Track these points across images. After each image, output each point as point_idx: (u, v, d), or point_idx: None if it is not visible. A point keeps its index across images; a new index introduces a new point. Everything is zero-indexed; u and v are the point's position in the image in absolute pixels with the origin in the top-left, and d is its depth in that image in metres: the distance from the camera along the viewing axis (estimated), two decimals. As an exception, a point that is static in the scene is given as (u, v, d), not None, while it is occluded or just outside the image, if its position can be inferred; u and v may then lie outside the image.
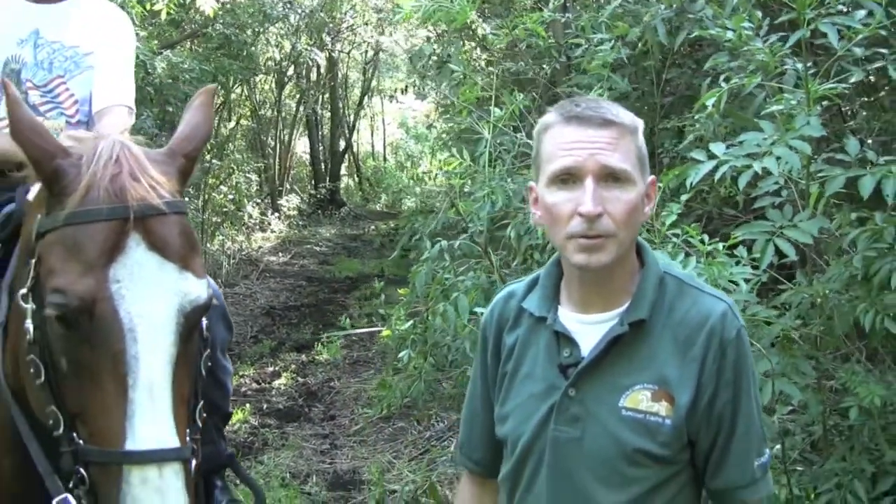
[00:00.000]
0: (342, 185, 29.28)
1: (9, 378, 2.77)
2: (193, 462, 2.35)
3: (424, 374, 6.35)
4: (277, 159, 24.87)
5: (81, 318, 2.25)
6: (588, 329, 2.47)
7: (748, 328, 3.71)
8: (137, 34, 10.59)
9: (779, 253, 3.82)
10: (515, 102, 5.54)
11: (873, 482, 4.13)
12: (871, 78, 4.78)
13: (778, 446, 4.35)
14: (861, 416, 4.10)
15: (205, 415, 2.61)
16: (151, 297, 2.29)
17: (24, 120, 2.45)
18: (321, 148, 28.36)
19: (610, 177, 2.33)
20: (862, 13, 3.95)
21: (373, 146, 36.04)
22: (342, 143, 29.41)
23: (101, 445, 2.26)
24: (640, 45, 5.87)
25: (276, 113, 24.81)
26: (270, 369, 11.12)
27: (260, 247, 20.15)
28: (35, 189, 3.15)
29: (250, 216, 21.10)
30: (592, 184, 2.32)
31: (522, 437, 2.52)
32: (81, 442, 2.31)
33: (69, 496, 2.44)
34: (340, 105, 29.29)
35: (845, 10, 4.00)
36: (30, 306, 2.41)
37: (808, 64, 4.05)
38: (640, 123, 2.46)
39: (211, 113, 2.77)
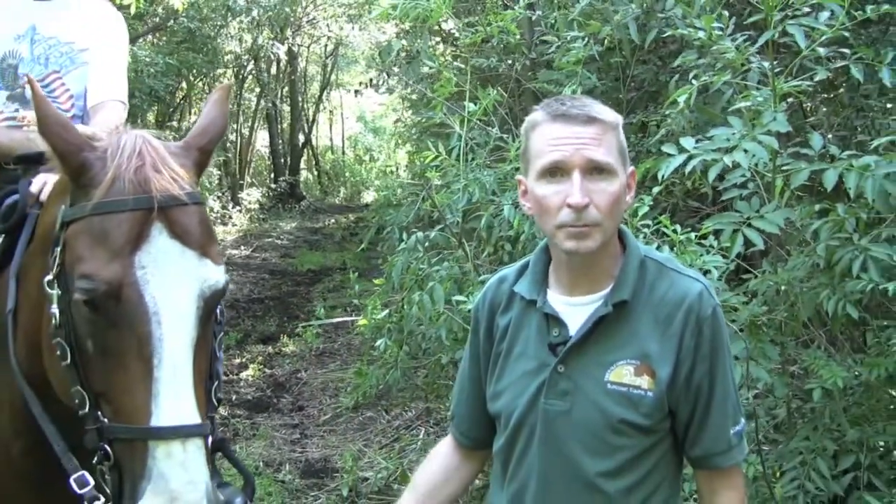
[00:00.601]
0: (301, 179, 29.33)
1: (22, 364, 2.90)
2: (210, 439, 2.49)
3: (400, 363, 6.49)
4: (238, 153, 24.91)
5: (108, 302, 2.38)
6: (575, 310, 2.66)
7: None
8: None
9: (745, 243, 4.01)
10: (489, 97, 5.69)
11: (835, 460, 4.33)
12: (831, 76, 4.97)
13: (749, 425, 4.56)
14: (823, 398, 4.30)
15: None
16: (174, 283, 2.42)
17: (52, 115, 2.59)
18: (280, 142, 28.39)
19: (595, 170, 2.52)
20: (826, 15, 4.14)
21: (331, 140, 36.07)
22: (301, 137, 29.44)
23: (126, 423, 2.38)
24: (606, 42, 6.03)
25: (236, 107, 24.84)
26: (237, 361, 11.19)
27: (222, 240, 20.17)
28: (38, 181, 3.29)
29: (211, 209, 21.13)
30: (580, 177, 2.50)
31: (515, 412, 2.69)
32: (106, 420, 2.44)
33: (86, 473, 2.60)
34: (300, 99, 29.31)
35: (809, 10, 4.18)
36: (55, 292, 2.53)
37: (774, 63, 4.23)
38: (620, 119, 2.64)
39: (226, 109, 2.92)
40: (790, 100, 4.67)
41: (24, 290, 2.97)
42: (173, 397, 2.36)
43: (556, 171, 2.55)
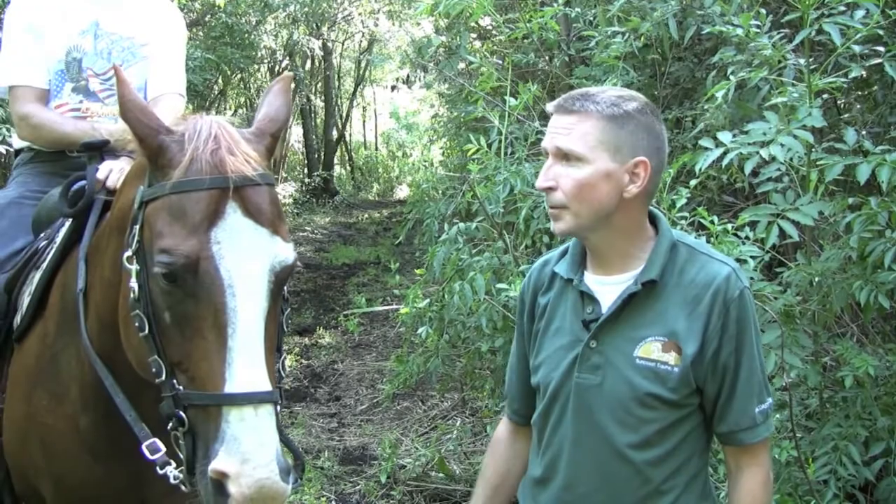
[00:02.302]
0: (335, 175, 29.45)
1: (93, 340, 3.07)
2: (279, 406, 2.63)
3: (441, 350, 6.62)
4: (272, 148, 25.03)
5: (186, 275, 2.53)
6: (608, 289, 2.82)
7: (755, 302, 4.05)
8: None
9: (780, 235, 4.13)
10: (529, 93, 5.82)
11: (866, 446, 4.43)
12: (865, 73, 5.07)
13: (778, 415, 4.67)
14: (854, 386, 4.42)
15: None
16: (247, 258, 2.56)
17: (133, 101, 2.75)
18: (314, 137, 28.51)
19: (563, 157, 2.73)
20: (861, 13, 4.24)
21: (364, 136, 36.18)
22: (335, 133, 29.56)
23: (201, 389, 2.52)
24: (642, 38, 6.14)
25: (270, 102, 24.93)
26: (275, 352, 11.29)
27: (256, 233, 20.25)
28: (105, 168, 3.46)
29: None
30: (550, 162, 2.75)
31: (552, 383, 2.86)
32: (181, 388, 2.58)
33: (157, 440, 2.76)
34: (334, 95, 29.43)
35: (844, 9, 4.28)
36: (134, 267, 2.68)
37: (809, 59, 4.34)
38: (617, 110, 2.73)
39: (289, 98, 3.07)
40: (825, 96, 4.77)
41: (96, 270, 3.13)
42: (246, 365, 2.49)
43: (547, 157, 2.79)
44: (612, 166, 2.72)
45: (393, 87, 20.23)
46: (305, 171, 28.00)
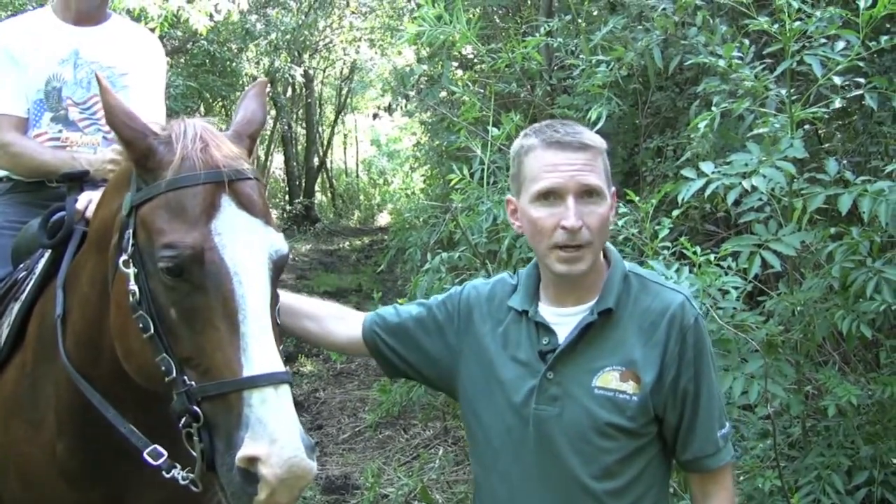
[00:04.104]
0: (316, 202, 29.43)
1: (72, 360, 3.07)
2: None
3: (423, 379, 6.59)
4: (253, 175, 25.01)
5: (193, 266, 2.56)
6: (564, 320, 2.85)
7: (737, 332, 4.07)
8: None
9: (763, 265, 4.15)
10: (512, 122, 5.84)
11: (850, 476, 4.45)
12: (845, 103, 5.11)
13: (761, 445, 4.69)
14: (837, 415, 4.44)
15: None
16: (248, 247, 2.62)
17: (118, 106, 2.79)
18: (296, 164, 28.49)
19: (586, 193, 2.73)
20: (841, 44, 4.29)
21: (345, 163, 36.17)
22: (316, 160, 29.55)
23: (217, 379, 2.52)
24: (624, 68, 6.18)
25: (252, 129, 24.95)
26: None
27: (238, 261, 20.19)
28: (84, 198, 3.45)
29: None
30: (573, 201, 2.71)
31: (508, 415, 2.86)
32: (193, 384, 2.57)
33: (158, 446, 2.77)
34: (315, 122, 29.45)
35: (826, 41, 4.32)
36: (131, 270, 2.69)
37: (791, 90, 4.38)
38: (605, 144, 2.85)
39: (264, 101, 3.14)
40: (806, 127, 4.81)
41: (74, 294, 3.14)
42: (262, 348, 2.52)
43: (549, 195, 2.74)
44: (609, 199, 2.80)
45: (374, 115, 20.26)
46: (287, 198, 27.94)
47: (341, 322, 3.25)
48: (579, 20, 6.93)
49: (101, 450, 3.08)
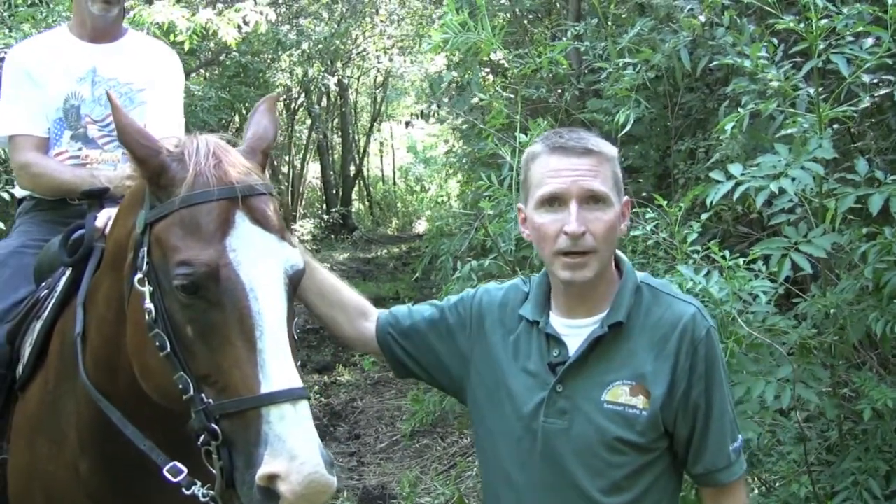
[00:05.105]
0: (354, 210, 29.46)
1: (91, 377, 3.08)
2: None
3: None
4: (290, 184, 25.10)
5: (209, 283, 2.56)
6: (574, 332, 2.82)
7: (768, 337, 4.00)
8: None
9: (794, 267, 4.09)
10: (539, 127, 5.79)
11: (887, 480, 4.38)
12: (877, 100, 5.03)
13: (794, 450, 4.62)
14: (873, 418, 4.36)
15: None
16: (263, 263, 2.62)
17: (130, 124, 2.80)
18: (332, 173, 28.56)
19: (591, 199, 2.71)
20: (870, 41, 4.22)
21: (382, 171, 36.20)
22: (353, 168, 29.59)
23: (235, 397, 2.52)
24: (653, 70, 6.12)
25: (287, 139, 25.09)
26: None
27: (274, 271, 20.22)
28: (103, 216, 3.45)
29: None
30: (576, 206, 2.69)
31: (517, 428, 2.84)
32: (211, 401, 2.56)
33: (177, 463, 2.77)
34: (350, 130, 29.48)
35: (853, 39, 4.25)
36: (146, 289, 2.69)
37: (819, 89, 4.31)
38: (615, 151, 2.83)
39: (276, 117, 3.14)
40: (836, 126, 4.73)
41: (93, 312, 3.14)
42: (279, 364, 2.52)
43: (553, 201, 2.73)
44: (618, 207, 2.77)
45: (407, 124, 20.25)
46: (324, 206, 27.99)
47: (360, 318, 3.24)
48: (608, 23, 6.88)
49: (122, 467, 3.09)
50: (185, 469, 2.75)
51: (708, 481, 2.81)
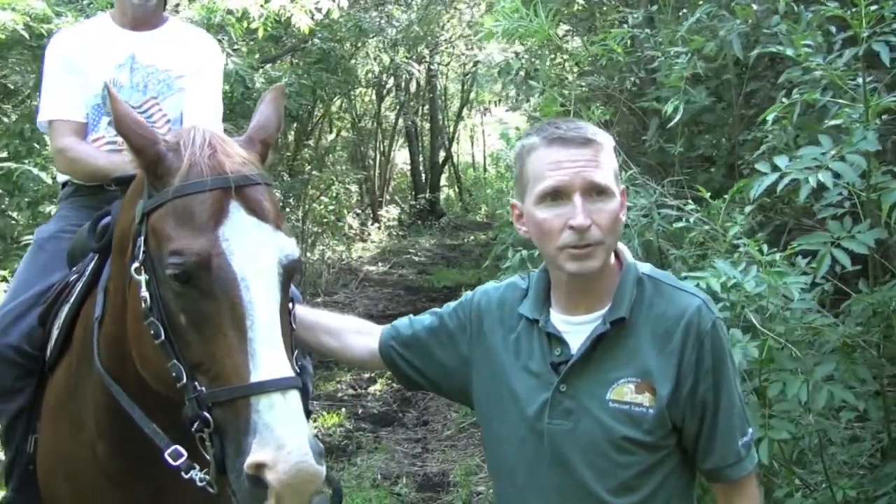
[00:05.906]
0: (442, 196, 29.49)
1: (103, 363, 3.13)
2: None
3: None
4: (377, 170, 25.22)
5: (201, 273, 2.58)
6: (576, 329, 2.74)
7: (807, 336, 3.88)
8: (238, 49, 10.96)
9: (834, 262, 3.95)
10: (594, 116, 5.72)
11: (934, 484, 4.23)
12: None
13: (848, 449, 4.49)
14: (922, 420, 4.22)
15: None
16: (256, 252, 2.63)
17: (127, 114, 2.83)
18: (421, 159, 28.60)
19: (594, 191, 2.62)
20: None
21: (473, 157, 36.19)
22: (442, 155, 29.60)
23: (226, 385, 2.54)
24: (719, 59, 5.99)
25: (376, 125, 25.20)
26: (367, 375, 11.33)
27: (360, 256, 20.45)
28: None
29: (350, 226, 21.45)
30: (581, 199, 2.60)
31: (521, 429, 2.78)
32: (203, 389, 2.59)
33: (179, 447, 2.79)
34: (440, 116, 29.48)
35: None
36: (143, 277, 2.73)
37: (869, 78, 4.16)
38: (612, 140, 2.74)
39: (281, 108, 3.15)
40: (884, 117, 4.56)
41: (109, 298, 3.19)
42: (269, 354, 2.53)
43: (556, 195, 2.63)
44: (619, 196, 2.69)
45: (486, 110, 20.18)
46: (412, 193, 28.07)
47: (360, 336, 3.22)
48: (668, 10, 6.74)
49: (136, 449, 3.12)
50: (185, 453, 2.78)
51: (717, 477, 2.74)
